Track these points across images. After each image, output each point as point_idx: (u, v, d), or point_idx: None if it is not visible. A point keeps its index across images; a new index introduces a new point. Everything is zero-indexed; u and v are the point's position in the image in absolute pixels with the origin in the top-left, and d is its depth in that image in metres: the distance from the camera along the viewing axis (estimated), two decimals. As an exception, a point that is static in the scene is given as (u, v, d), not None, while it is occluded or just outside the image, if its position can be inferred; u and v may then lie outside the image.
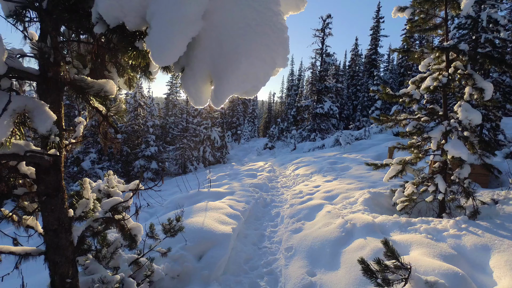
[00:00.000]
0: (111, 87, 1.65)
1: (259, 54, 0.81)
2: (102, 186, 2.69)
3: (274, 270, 4.33)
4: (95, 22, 0.95)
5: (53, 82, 1.54)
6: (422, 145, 5.60)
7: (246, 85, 0.84)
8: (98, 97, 1.61)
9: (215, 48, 0.83)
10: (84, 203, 1.99)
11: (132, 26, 0.90)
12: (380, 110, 26.90)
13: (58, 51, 1.35)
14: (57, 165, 1.63)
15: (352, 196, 6.76)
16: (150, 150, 22.20)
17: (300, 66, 50.04)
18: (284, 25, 0.84)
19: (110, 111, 1.75)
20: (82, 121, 2.34)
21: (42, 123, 1.27)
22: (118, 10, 0.86)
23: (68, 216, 1.75)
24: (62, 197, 1.69)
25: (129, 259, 3.35)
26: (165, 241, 4.01)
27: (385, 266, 2.57)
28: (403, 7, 5.59)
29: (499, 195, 5.51)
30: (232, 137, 45.74)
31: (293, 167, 13.53)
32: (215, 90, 0.87)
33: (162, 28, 0.78)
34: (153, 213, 7.38)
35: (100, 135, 1.75)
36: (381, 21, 33.26)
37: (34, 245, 2.02)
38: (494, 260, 3.48)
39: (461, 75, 5.11)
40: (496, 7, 11.81)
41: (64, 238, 1.72)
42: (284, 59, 0.85)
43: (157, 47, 0.78)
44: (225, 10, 0.81)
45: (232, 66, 0.81)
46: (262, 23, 0.81)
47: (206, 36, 0.84)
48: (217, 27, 0.82)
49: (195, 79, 0.90)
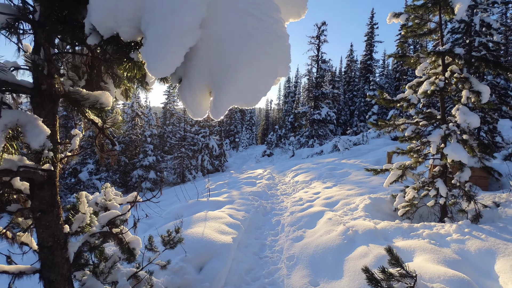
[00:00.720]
0: (107, 99, 1.61)
1: (260, 63, 0.77)
2: (99, 199, 2.64)
3: (276, 281, 4.24)
4: (89, 33, 0.92)
5: (47, 95, 1.50)
6: (422, 149, 5.59)
7: (246, 96, 0.81)
8: (93, 109, 1.57)
9: (213, 58, 0.80)
10: (80, 218, 1.93)
11: (126, 37, 0.87)
12: (377, 115, 27.03)
13: (52, 63, 1.32)
14: (52, 180, 1.58)
15: (352, 202, 6.71)
16: (148, 160, 22.08)
17: (297, 73, 50.43)
18: (285, 32, 0.81)
19: (106, 123, 1.71)
20: (78, 133, 2.30)
21: (35, 138, 1.23)
22: (111, 21, 0.83)
23: (64, 232, 1.69)
24: (57, 213, 1.64)
25: (127, 273, 3.27)
26: (165, 253, 3.93)
27: (390, 274, 2.51)
28: (398, 13, 5.64)
29: (500, 198, 5.48)
30: (230, 145, 45.72)
31: (292, 174, 13.47)
32: (215, 102, 0.83)
33: (157, 38, 0.75)
34: (152, 224, 7.27)
35: (96, 147, 1.71)
36: (375, 27, 33.69)
37: (29, 262, 1.96)
38: (499, 264, 3.43)
39: (457, 78, 5.13)
40: (488, 11, 11.99)
41: (59, 255, 1.66)
42: (285, 68, 0.82)
43: (152, 58, 0.75)
44: (224, 18, 0.78)
45: (232, 76, 0.77)
46: (263, 31, 0.77)
47: (204, 45, 0.81)
48: (216, 36, 0.79)
49: (193, 90, 0.87)
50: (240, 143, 46.75)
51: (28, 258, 1.99)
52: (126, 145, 23.82)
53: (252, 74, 0.78)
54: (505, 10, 25.29)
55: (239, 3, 0.77)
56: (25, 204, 1.67)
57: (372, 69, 33.39)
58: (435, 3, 5.30)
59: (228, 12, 0.78)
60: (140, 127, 24.31)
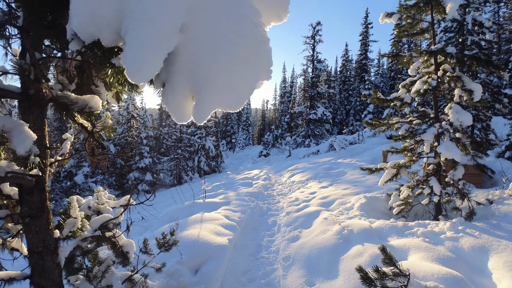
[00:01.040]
0: (96, 103, 1.60)
1: (240, 67, 0.77)
2: (92, 203, 2.62)
3: (272, 281, 4.25)
4: (70, 39, 0.92)
5: (35, 100, 1.49)
6: (415, 148, 5.63)
7: (228, 100, 0.81)
8: (82, 113, 1.56)
9: (194, 62, 0.80)
10: (72, 222, 1.92)
11: (107, 42, 0.87)
12: (372, 114, 27.16)
13: (38, 68, 1.31)
14: (41, 185, 1.57)
15: (348, 202, 6.73)
16: (144, 162, 21.99)
17: (292, 73, 50.57)
18: (265, 36, 0.81)
19: (96, 127, 1.70)
20: (69, 137, 2.28)
21: (21, 144, 1.22)
22: (92, 26, 0.82)
23: (54, 237, 1.68)
24: (47, 218, 1.63)
25: (122, 276, 3.25)
26: (160, 256, 3.91)
27: (383, 273, 2.53)
28: (390, 13, 5.68)
29: (493, 195, 5.53)
30: (227, 146, 45.70)
31: (288, 174, 13.49)
32: (196, 106, 0.83)
33: (136, 44, 0.74)
34: (148, 227, 7.24)
35: (86, 152, 1.70)
36: (369, 27, 33.88)
37: (20, 268, 1.94)
38: (492, 261, 3.46)
39: (450, 77, 5.18)
40: (480, 10, 12.10)
41: (49, 261, 1.64)
42: (267, 72, 0.82)
43: (131, 64, 0.75)
44: (203, 23, 0.78)
45: (212, 81, 0.77)
46: (241, 36, 0.78)
47: (184, 50, 0.81)
48: (196, 41, 0.79)
49: (176, 95, 0.87)
50: (236, 143, 46.73)
51: (18, 264, 1.97)
52: (122, 147, 23.70)
53: (233, 78, 0.78)
54: (497, 8, 25.56)
55: (219, 8, 0.77)
56: (15, 210, 1.66)
57: (367, 69, 33.58)
58: (427, 2, 5.34)
59: (207, 17, 0.78)
60: (135, 129, 24.21)
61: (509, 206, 4.80)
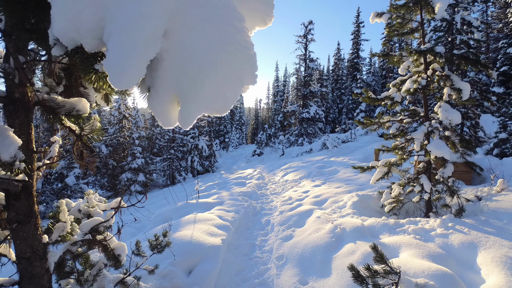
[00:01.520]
0: (84, 106, 1.58)
1: (224, 73, 0.77)
2: (82, 206, 2.59)
3: (266, 281, 4.26)
4: (53, 44, 0.91)
5: (21, 103, 1.47)
6: (406, 146, 5.70)
7: (214, 105, 0.81)
8: (70, 116, 1.54)
9: (178, 68, 0.79)
10: (61, 227, 1.89)
11: (90, 48, 0.86)
12: (364, 112, 27.39)
13: (22, 71, 1.29)
14: (28, 190, 1.54)
15: (341, 200, 6.79)
16: (136, 162, 21.78)
17: (285, 72, 50.68)
18: (249, 42, 0.81)
19: (84, 130, 1.68)
20: (57, 140, 2.25)
21: (5, 149, 1.20)
22: (74, 32, 0.81)
23: (43, 242, 1.66)
24: (35, 223, 1.60)
25: (114, 279, 3.22)
26: (153, 257, 3.90)
27: (375, 271, 2.56)
28: (380, 12, 5.73)
29: (482, 192, 5.64)
30: (220, 145, 45.58)
31: (282, 173, 13.53)
32: (181, 112, 0.83)
33: (118, 50, 0.74)
34: (141, 228, 7.18)
35: (74, 155, 1.68)
36: (361, 26, 34.13)
37: (8, 274, 1.91)
38: (481, 257, 3.53)
39: (439, 76, 5.25)
40: (468, 10, 12.29)
41: (38, 266, 1.62)
42: (252, 77, 0.82)
43: (114, 70, 0.74)
44: (186, 28, 0.78)
45: (197, 86, 0.77)
46: (225, 41, 0.77)
47: (168, 56, 0.80)
48: (179, 47, 0.78)
49: (161, 100, 0.86)
50: (230, 143, 46.65)
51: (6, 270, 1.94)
52: (113, 148, 23.43)
53: (217, 84, 0.78)
54: (485, 8, 26.00)
55: (202, 13, 0.77)
56: (1, 215, 1.63)
57: (359, 67, 33.84)
58: (416, 2, 5.41)
59: (190, 22, 0.77)
60: (127, 130, 23.96)
61: (497, 202, 4.90)
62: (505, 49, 17.82)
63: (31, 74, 1.45)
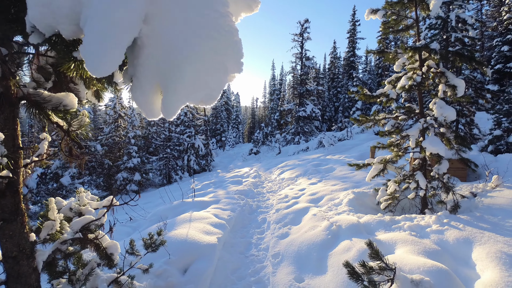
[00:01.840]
0: (71, 101, 1.54)
1: (205, 59, 0.74)
2: (73, 204, 2.54)
3: (262, 279, 4.24)
4: (30, 32, 0.86)
5: (5, 98, 1.42)
6: (401, 143, 5.70)
7: (198, 94, 0.77)
8: (57, 111, 1.50)
9: (159, 55, 0.75)
10: (49, 225, 1.85)
11: (68, 35, 0.82)
12: (361, 110, 27.48)
13: (5, 64, 1.24)
14: (14, 187, 1.50)
15: (337, 198, 6.78)
16: (132, 162, 21.64)
17: (281, 71, 50.65)
18: (233, 27, 0.77)
19: (72, 126, 1.64)
20: (46, 137, 2.21)
21: (-14, 144, 1.16)
22: (50, 18, 0.77)
23: (30, 241, 1.62)
24: (22, 221, 1.56)
25: (108, 278, 3.18)
26: (148, 256, 3.85)
27: (370, 268, 2.54)
28: (375, 9, 5.72)
29: (477, 188, 5.66)
30: (217, 144, 45.47)
31: (278, 171, 13.51)
32: (163, 101, 0.79)
33: (94, 35, 0.69)
34: (137, 227, 7.13)
35: (61, 152, 1.64)
36: (357, 24, 34.18)
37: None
38: (476, 253, 3.53)
39: (434, 73, 5.25)
40: (463, 8, 12.34)
41: (25, 265, 1.58)
42: (237, 64, 0.79)
43: (90, 57, 0.70)
44: (167, 12, 0.74)
45: (177, 74, 0.73)
46: (206, 26, 0.75)
47: (149, 42, 0.76)
48: (160, 32, 0.74)
49: (143, 90, 0.82)
50: (226, 142, 46.56)
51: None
52: (109, 147, 23.27)
53: (199, 71, 0.74)
54: (480, 6, 26.16)
55: (183, -3, 0.74)
56: (-13, 213, 1.58)
57: (355, 66, 33.92)
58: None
59: (171, 6, 0.73)
60: (123, 129, 23.80)
61: (492, 198, 4.92)
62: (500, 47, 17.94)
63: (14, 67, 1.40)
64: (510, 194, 4.86)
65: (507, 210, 4.42)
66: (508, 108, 9.56)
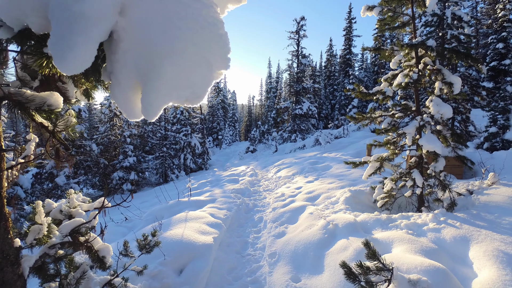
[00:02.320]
0: (56, 100, 1.47)
1: (187, 54, 0.67)
2: (64, 206, 2.47)
3: (258, 279, 4.20)
4: (-2, 26, 0.80)
5: (-15, 97, 1.35)
6: (398, 141, 5.67)
7: (181, 92, 0.71)
8: (41, 111, 1.43)
9: (137, 50, 0.68)
10: (36, 229, 1.79)
11: (37, 29, 0.75)
12: (357, 108, 27.50)
13: (-18, 62, 1.18)
14: (-4, 191, 1.44)
15: (333, 196, 6.76)
16: (128, 161, 21.50)
17: (278, 69, 50.55)
18: (217, 19, 0.70)
19: (58, 126, 1.58)
20: (33, 138, 2.13)
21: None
22: (16, 10, 0.70)
23: (14, 246, 1.55)
24: (5, 226, 1.49)
25: (101, 281, 3.12)
26: (143, 258, 3.79)
27: (367, 268, 2.51)
28: (371, 6, 5.67)
29: (473, 185, 5.66)
30: (214, 142, 45.32)
31: (275, 169, 13.48)
32: (143, 100, 0.72)
33: (60, 29, 0.62)
34: (132, 227, 7.06)
35: (47, 153, 1.57)
36: (353, 22, 34.13)
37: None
38: (473, 251, 3.52)
39: (430, 70, 5.22)
40: (459, 5, 12.34)
41: (10, 272, 1.52)
42: (223, 59, 0.72)
43: (57, 53, 0.63)
44: (144, 3, 0.68)
45: (156, 70, 0.67)
46: (186, 18, 0.68)
47: (126, 36, 0.70)
48: (137, 25, 0.68)
49: (122, 88, 0.76)
50: (223, 140, 46.42)
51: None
52: (105, 147, 23.07)
53: (178, 67, 0.68)
54: (475, 4, 26.25)
55: (162, -15, 0.67)
56: (-31, 218, 1.52)
57: (351, 63, 33.90)
58: (407, -5, 5.36)
59: (150, -4, 0.67)
60: (119, 128, 23.60)
61: (489, 196, 4.91)
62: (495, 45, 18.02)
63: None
64: (506, 192, 4.86)
65: (503, 208, 4.41)
66: (503, 105, 9.59)
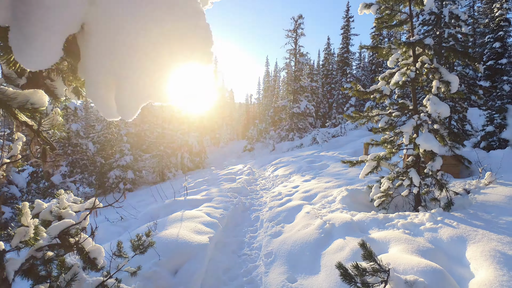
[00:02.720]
0: (41, 98, 1.41)
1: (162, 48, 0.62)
2: (54, 207, 2.41)
3: (254, 279, 4.16)
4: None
5: (-34, 95, 1.29)
6: (395, 140, 5.65)
7: (158, 91, 0.65)
8: (24, 110, 1.37)
9: (108, 43, 0.62)
10: (22, 232, 1.73)
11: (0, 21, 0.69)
12: (354, 106, 27.49)
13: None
14: (-23, 192, 1.38)
15: (330, 195, 6.73)
16: (125, 159, 21.38)
17: (275, 67, 50.41)
18: (198, 8, 0.64)
19: (43, 126, 1.52)
20: (21, 137, 2.07)
21: None
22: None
23: (-2, 250, 1.50)
24: (-12, 229, 1.44)
25: (94, 282, 3.06)
26: (137, 258, 3.74)
27: (363, 269, 2.48)
28: (369, 3, 5.62)
29: (470, 185, 5.65)
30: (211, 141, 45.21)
31: (272, 168, 13.44)
32: (117, 99, 0.67)
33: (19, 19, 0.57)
34: (127, 227, 7.00)
35: (32, 153, 1.52)
36: (351, 20, 34.05)
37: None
38: (470, 251, 3.49)
39: (428, 69, 5.19)
40: (456, 3, 12.33)
41: (-7, 277, 1.46)
42: (204, 54, 0.67)
43: (16, 46, 0.58)
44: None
45: (129, 65, 0.62)
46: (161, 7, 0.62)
47: (97, 28, 0.63)
48: (107, 15, 0.62)
49: (97, 86, 0.70)
50: (220, 138, 46.33)
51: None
52: (101, 145, 22.92)
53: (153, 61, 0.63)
54: (472, 3, 26.29)
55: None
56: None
57: (349, 62, 33.84)
58: (405, -7, 5.32)
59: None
60: (115, 126, 23.44)
61: (485, 195, 4.90)
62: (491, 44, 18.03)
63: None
64: (503, 191, 4.85)
65: (500, 207, 4.40)
66: (500, 104, 9.60)
